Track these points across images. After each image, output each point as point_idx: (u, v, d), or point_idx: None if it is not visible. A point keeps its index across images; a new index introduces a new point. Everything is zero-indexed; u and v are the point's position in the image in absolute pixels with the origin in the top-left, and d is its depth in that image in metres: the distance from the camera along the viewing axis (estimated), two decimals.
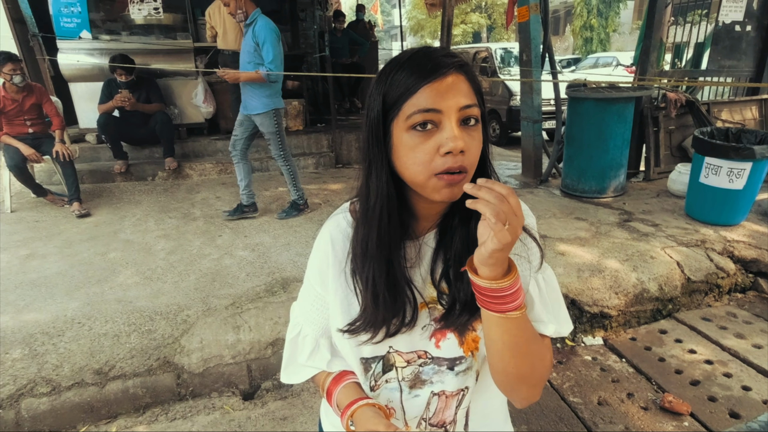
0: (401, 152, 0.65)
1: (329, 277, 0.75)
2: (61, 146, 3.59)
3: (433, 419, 0.78)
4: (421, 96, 0.61)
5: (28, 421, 1.88)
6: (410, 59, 0.64)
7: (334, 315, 0.75)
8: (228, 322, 2.18)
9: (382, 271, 0.69)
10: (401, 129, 0.64)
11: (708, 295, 2.73)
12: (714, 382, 2.05)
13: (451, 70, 0.62)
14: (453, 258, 0.71)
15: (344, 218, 0.76)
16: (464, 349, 0.73)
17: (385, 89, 0.64)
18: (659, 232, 3.07)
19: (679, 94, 3.99)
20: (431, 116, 0.62)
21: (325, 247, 0.76)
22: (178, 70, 4.83)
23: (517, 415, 1.94)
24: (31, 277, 2.61)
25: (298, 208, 3.53)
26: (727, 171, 2.95)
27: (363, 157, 0.69)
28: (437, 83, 0.61)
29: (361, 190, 0.71)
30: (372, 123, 0.66)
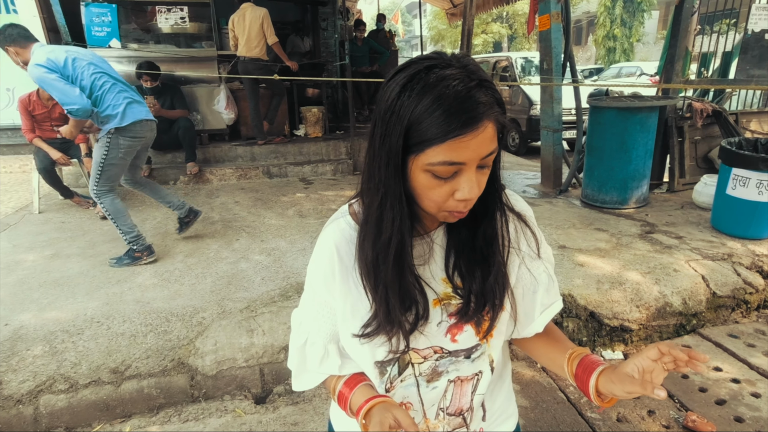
0: (415, 185, 0.64)
1: (336, 283, 0.73)
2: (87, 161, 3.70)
3: (450, 408, 0.80)
4: (449, 148, 0.58)
5: (45, 418, 1.92)
6: (443, 96, 0.57)
7: (345, 320, 0.74)
8: (242, 326, 2.20)
9: (396, 280, 0.68)
10: (419, 168, 0.61)
11: (735, 311, 2.62)
12: (741, 402, 1.96)
13: (485, 119, 0.58)
14: (465, 251, 0.73)
15: (346, 222, 0.74)
16: (480, 338, 0.76)
17: (409, 121, 0.59)
18: (683, 244, 2.98)
19: (705, 104, 3.89)
20: (455, 168, 0.60)
21: (329, 254, 0.73)
22: (202, 78, 4.95)
23: (531, 428, 1.89)
24: (54, 276, 2.69)
25: (131, 256, 2.82)
26: (756, 183, 2.85)
27: (374, 182, 0.65)
28: (469, 136, 0.57)
29: (371, 213, 0.67)
30: (390, 152, 0.61)
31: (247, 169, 4.88)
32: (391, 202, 0.64)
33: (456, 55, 0.62)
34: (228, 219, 3.63)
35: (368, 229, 0.68)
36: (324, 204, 3.95)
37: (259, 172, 4.90)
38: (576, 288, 2.46)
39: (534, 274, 0.78)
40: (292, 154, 5.22)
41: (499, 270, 0.72)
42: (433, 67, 0.59)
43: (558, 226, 3.34)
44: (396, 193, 0.64)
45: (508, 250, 0.74)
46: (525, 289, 0.79)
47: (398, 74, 0.62)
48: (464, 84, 0.57)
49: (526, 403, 2.03)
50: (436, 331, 0.74)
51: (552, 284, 0.81)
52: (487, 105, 0.58)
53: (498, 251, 0.72)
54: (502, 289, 0.73)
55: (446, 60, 0.61)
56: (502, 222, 0.73)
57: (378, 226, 0.66)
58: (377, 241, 0.67)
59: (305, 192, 4.35)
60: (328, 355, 0.79)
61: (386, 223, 0.65)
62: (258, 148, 5.10)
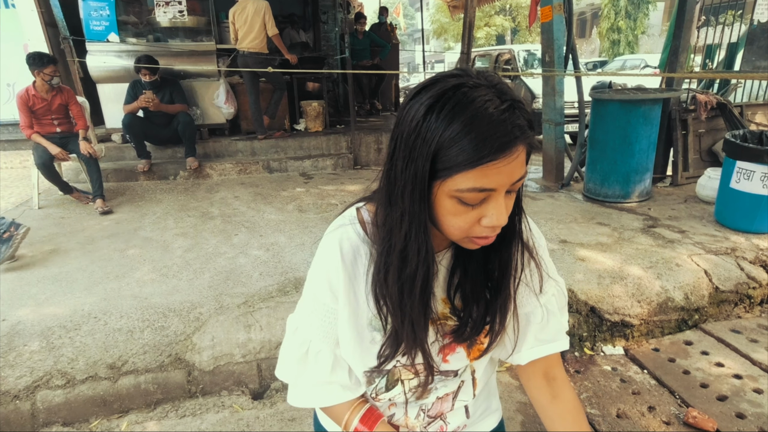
0: (438, 211, 0.60)
1: (340, 291, 0.70)
2: (85, 144, 3.69)
3: (431, 411, 0.81)
4: (480, 174, 0.55)
5: (42, 413, 1.91)
6: (475, 119, 0.53)
7: (342, 327, 0.72)
8: (240, 321, 2.19)
9: (422, 312, 0.66)
10: (444, 193, 0.58)
11: (738, 306, 2.59)
12: (743, 398, 1.94)
13: (519, 143, 0.55)
14: (473, 275, 0.70)
15: (354, 231, 0.70)
16: (470, 359, 0.76)
17: (437, 145, 0.55)
18: (686, 239, 2.94)
19: (709, 96, 3.83)
20: (484, 195, 0.57)
21: (334, 260, 0.69)
22: (201, 72, 4.92)
23: (531, 424, 1.88)
24: (53, 271, 2.68)
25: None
26: (761, 176, 2.81)
27: (397, 209, 0.61)
28: (502, 162, 0.54)
29: (394, 242, 0.63)
30: (415, 178, 0.57)
31: (247, 163, 4.86)
32: (416, 232, 0.60)
33: (483, 73, 0.58)
34: (227, 214, 3.62)
35: (391, 261, 0.63)
36: (324, 199, 3.93)
37: (259, 167, 4.88)
38: (577, 283, 2.44)
39: (530, 308, 0.76)
40: (293, 149, 5.19)
41: (508, 298, 0.70)
42: (461, 86, 0.55)
43: (559, 221, 3.31)
44: (421, 222, 0.60)
45: (519, 279, 0.71)
46: (520, 318, 0.76)
47: (422, 93, 0.57)
48: (496, 106, 0.54)
49: (525, 399, 2.02)
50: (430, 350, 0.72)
51: (549, 321, 0.77)
52: (521, 129, 0.55)
53: (510, 280, 0.70)
54: (504, 317, 0.71)
55: (474, 78, 0.57)
56: (517, 249, 0.70)
57: (403, 258, 0.62)
58: (402, 273, 0.63)
59: (305, 187, 4.33)
60: (338, 361, 0.75)
61: (411, 255, 0.62)
62: (258, 142, 5.07)
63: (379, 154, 5.25)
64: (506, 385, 2.10)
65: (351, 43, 6.36)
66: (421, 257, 0.61)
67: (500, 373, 2.18)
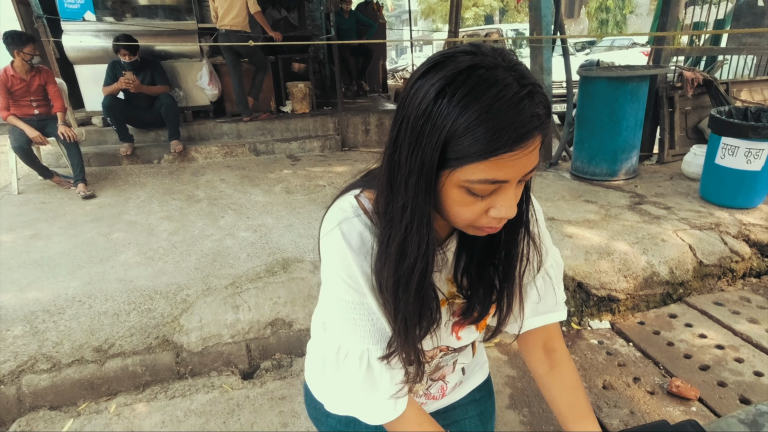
0: (444, 201, 0.57)
1: (361, 281, 0.64)
2: (64, 128, 3.59)
3: (434, 376, 0.82)
4: (493, 165, 0.51)
5: (29, 397, 1.89)
6: (492, 107, 0.48)
7: (378, 314, 0.69)
8: (227, 302, 2.17)
9: (417, 308, 0.62)
10: (452, 183, 0.54)
11: (721, 280, 2.64)
12: (724, 368, 1.99)
13: (535, 134, 0.51)
14: (479, 258, 0.69)
15: (361, 222, 0.64)
16: (479, 331, 0.77)
17: (449, 133, 0.50)
18: (672, 215, 2.98)
19: (696, 73, 3.84)
20: (495, 186, 0.54)
21: (345, 256, 0.63)
22: (183, 52, 4.79)
23: (519, 397, 1.91)
24: (34, 256, 2.62)
25: None
26: (744, 151, 2.83)
27: (399, 199, 0.57)
28: (518, 154, 0.51)
29: (393, 234, 0.59)
30: (422, 166, 0.53)
31: (233, 146, 4.78)
32: (418, 225, 0.57)
33: (500, 51, 0.53)
34: (214, 197, 3.56)
35: (389, 252, 0.59)
36: (312, 180, 3.89)
37: (245, 150, 4.81)
38: (564, 259, 2.45)
39: (529, 280, 0.76)
40: (279, 131, 5.11)
41: (514, 286, 0.69)
42: (477, 66, 0.50)
43: (547, 199, 3.32)
44: (425, 214, 0.56)
45: (525, 267, 0.70)
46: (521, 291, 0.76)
47: (431, 72, 0.52)
48: (515, 92, 0.49)
49: (513, 372, 2.04)
50: (443, 331, 0.72)
51: (548, 292, 0.77)
52: (539, 118, 0.51)
53: (516, 269, 0.68)
54: (511, 303, 0.70)
55: (490, 57, 0.51)
56: (524, 239, 0.68)
57: (401, 251, 0.59)
58: (399, 266, 0.59)
59: (292, 169, 4.28)
60: (390, 365, 0.68)
61: (411, 249, 0.58)
62: (244, 124, 4.98)
63: (366, 135, 5.19)
64: (495, 359, 2.12)
65: (336, 22, 6.25)
66: (421, 252, 0.58)
67: (489, 348, 2.20)
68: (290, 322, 2.15)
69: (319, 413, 0.89)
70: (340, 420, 0.85)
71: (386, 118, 5.19)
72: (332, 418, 0.86)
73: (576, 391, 0.80)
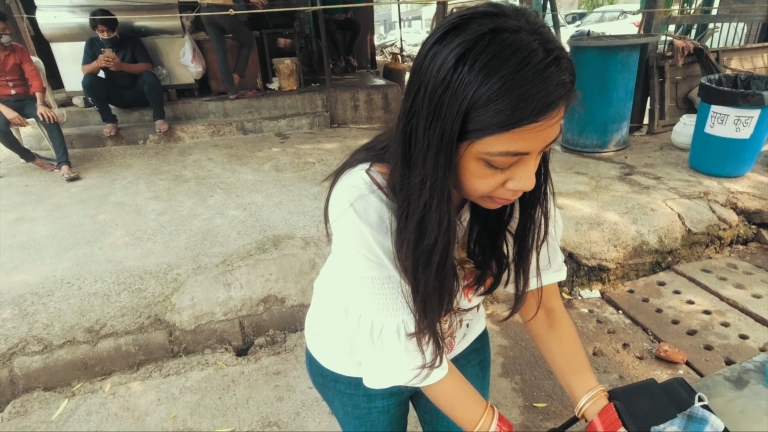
0: (462, 173, 0.54)
1: (383, 256, 0.62)
2: (43, 108, 3.48)
3: (444, 334, 0.82)
4: (515, 137, 0.48)
5: (22, 379, 1.88)
6: (517, 75, 0.45)
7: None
8: (219, 280, 2.16)
9: (437, 288, 0.60)
10: (471, 155, 0.51)
11: (709, 247, 2.68)
12: (711, 332, 2.03)
13: (560, 103, 0.48)
14: (489, 230, 0.68)
15: (377, 198, 0.60)
16: (486, 291, 0.76)
17: (470, 103, 0.47)
18: (661, 185, 2.99)
19: (687, 42, 3.81)
20: (516, 158, 0.51)
21: (364, 235, 0.60)
22: (164, 28, 4.64)
23: (511, 366, 1.94)
24: (20, 240, 2.58)
25: None
26: (734, 119, 2.83)
27: (417, 174, 0.54)
28: (542, 125, 0.48)
29: (412, 212, 0.56)
30: (441, 139, 0.50)
31: (220, 125, 4.68)
32: (438, 202, 0.54)
33: (522, 12, 0.49)
34: (202, 176, 3.51)
35: (407, 231, 0.57)
36: (301, 158, 3.84)
37: (232, 128, 4.72)
38: None
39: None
40: (267, 109, 5.01)
41: (531, 256, 0.68)
42: (499, 30, 0.46)
43: None
44: (444, 189, 0.53)
45: (542, 243, 0.68)
46: None
47: (449, 36, 0.48)
48: (541, 59, 0.46)
49: (505, 342, 2.07)
50: (457, 295, 0.71)
51: (549, 252, 0.77)
52: (565, 86, 0.48)
53: (533, 238, 0.67)
54: (527, 279, 0.70)
55: (513, 19, 0.48)
56: (541, 213, 0.66)
57: (420, 229, 0.56)
58: (418, 245, 0.57)
59: (281, 146, 4.21)
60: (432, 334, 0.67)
61: (431, 227, 0.55)
62: (230, 103, 4.88)
63: (356, 111, 5.12)
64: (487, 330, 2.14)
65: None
66: (442, 229, 0.55)
67: None
68: (282, 299, 2.15)
69: (325, 379, 0.90)
70: (350, 383, 0.87)
71: (375, 94, 5.11)
72: (341, 382, 0.87)
73: (574, 347, 0.81)
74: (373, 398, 0.89)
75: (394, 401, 0.92)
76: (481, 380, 0.99)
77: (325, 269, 0.86)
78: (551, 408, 1.72)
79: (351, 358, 0.83)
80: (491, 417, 0.71)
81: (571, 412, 1.67)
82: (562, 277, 0.80)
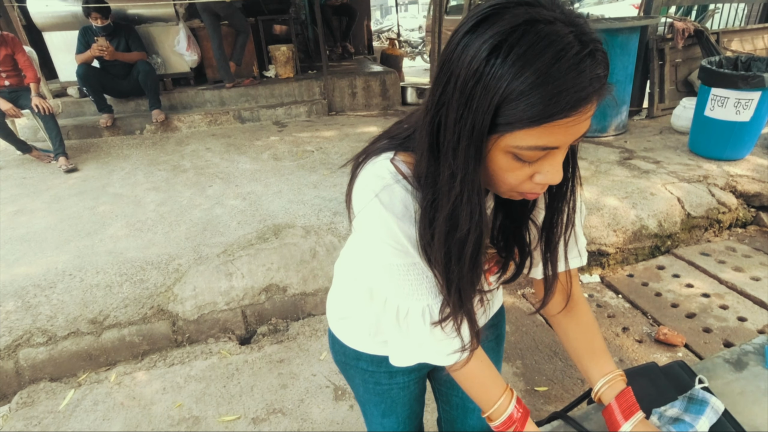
0: (489, 166, 0.54)
1: (408, 245, 0.62)
2: (38, 99, 3.45)
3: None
4: (546, 131, 0.48)
5: (28, 370, 1.90)
6: (552, 69, 0.45)
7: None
8: (220, 270, 2.16)
9: (470, 279, 0.61)
10: (499, 148, 0.51)
11: (708, 231, 2.69)
12: (710, 314, 2.05)
13: (593, 98, 0.48)
14: (513, 219, 0.68)
15: (402, 187, 0.60)
16: (507, 274, 0.75)
17: (502, 96, 0.46)
18: (660, 168, 2.99)
19: (687, 23, 3.77)
20: (545, 153, 0.51)
21: (390, 224, 0.61)
22: (157, 15, 4.57)
23: (512, 350, 1.96)
24: (20, 232, 2.57)
25: None
26: (734, 102, 2.82)
27: (447, 167, 0.53)
28: (573, 120, 0.48)
29: (443, 204, 0.56)
30: (472, 131, 0.50)
31: (217, 114, 4.65)
32: (469, 195, 0.53)
33: (557, 1, 0.48)
34: (200, 166, 3.49)
35: (437, 224, 0.57)
36: (299, 146, 3.82)
37: (230, 117, 4.68)
38: None
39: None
40: (264, 97, 4.97)
41: (557, 246, 0.68)
42: (534, 21, 0.45)
43: None
44: (475, 183, 0.53)
45: (570, 230, 0.68)
46: None
47: (482, 26, 0.47)
48: (577, 52, 0.45)
49: (507, 328, 2.08)
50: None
51: (571, 242, 0.74)
52: (599, 80, 0.47)
53: (559, 229, 0.67)
54: (555, 268, 0.70)
55: (548, 10, 0.47)
56: (570, 207, 0.65)
57: (451, 222, 0.56)
58: (449, 237, 0.57)
59: (279, 135, 4.19)
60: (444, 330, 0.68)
61: (463, 220, 0.55)
62: (227, 91, 4.83)
63: (353, 98, 5.08)
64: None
65: None
66: (474, 222, 0.55)
67: None
68: (284, 287, 2.16)
69: (347, 357, 0.92)
70: (372, 360, 0.89)
71: (373, 81, 5.07)
72: (363, 360, 0.90)
73: (591, 331, 0.81)
74: (395, 375, 0.91)
75: (413, 377, 0.94)
76: (495, 354, 1.01)
77: (345, 251, 0.87)
78: (552, 392, 1.74)
79: (376, 338, 0.85)
80: (509, 399, 0.72)
81: (572, 396, 1.69)
82: (581, 263, 0.79)
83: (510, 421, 0.70)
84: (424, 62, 10.55)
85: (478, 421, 1.02)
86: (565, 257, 0.70)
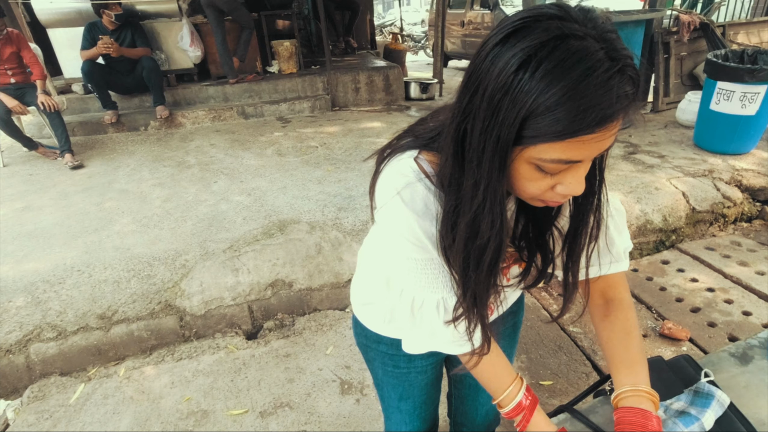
0: (512, 175, 0.55)
1: (427, 242, 0.64)
2: (44, 97, 3.46)
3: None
4: (570, 146, 0.48)
5: (38, 365, 1.93)
6: (580, 85, 0.45)
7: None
8: (227, 265, 2.18)
9: (486, 285, 0.62)
10: (523, 159, 0.52)
11: (713, 225, 2.68)
12: (714, 309, 2.05)
13: (620, 115, 0.48)
14: (536, 225, 0.69)
15: (424, 186, 0.62)
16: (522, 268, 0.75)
17: (529, 110, 0.47)
18: (665, 163, 2.98)
19: (693, 16, 3.74)
20: (568, 166, 0.52)
21: (410, 221, 0.63)
22: (160, 11, 4.57)
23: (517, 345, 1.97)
24: (28, 228, 2.60)
25: None
26: (740, 96, 2.81)
27: (471, 175, 0.54)
28: (598, 136, 0.48)
29: (465, 211, 0.57)
30: (497, 143, 0.50)
31: (221, 110, 4.66)
32: (491, 204, 0.54)
33: (589, 15, 0.48)
34: (205, 162, 3.51)
35: (458, 229, 0.58)
36: (303, 142, 3.83)
37: (233, 113, 4.69)
38: None
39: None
40: (267, 93, 4.97)
41: (579, 257, 0.67)
42: (565, 37, 0.45)
43: None
44: (498, 192, 0.54)
45: (594, 243, 0.67)
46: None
47: (512, 38, 0.48)
48: (606, 69, 0.45)
49: None
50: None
51: (608, 246, 0.74)
52: (627, 98, 0.47)
53: (583, 240, 0.66)
54: (576, 278, 0.70)
55: (580, 24, 0.47)
56: (596, 215, 0.65)
57: (472, 229, 0.57)
58: (469, 244, 0.58)
59: (283, 131, 4.20)
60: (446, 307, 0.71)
61: (483, 228, 0.56)
62: (230, 87, 4.84)
63: (357, 94, 5.07)
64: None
65: None
66: (494, 231, 0.56)
67: None
68: (290, 283, 2.17)
69: (368, 340, 0.95)
70: (392, 344, 0.91)
71: (376, 76, 5.06)
72: (383, 343, 0.92)
73: (626, 340, 0.76)
74: (413, 358, 0.93)
75: (431, 361, 0.96)
76: (511, 340, 1.04)
77: (367, 240, 0.90)
78: (557, 386, 1.75)
79: (390, 325, 0.87)
80: (519, 387, 0.73)
81: (577, 390, 1.71)
82: (623, 268, 0.77)
83: (519, 408, 0.72)
84: (427, 56, 10.51)
85: (487, 400, 1.06)
86: (599, 263, 0.71)
